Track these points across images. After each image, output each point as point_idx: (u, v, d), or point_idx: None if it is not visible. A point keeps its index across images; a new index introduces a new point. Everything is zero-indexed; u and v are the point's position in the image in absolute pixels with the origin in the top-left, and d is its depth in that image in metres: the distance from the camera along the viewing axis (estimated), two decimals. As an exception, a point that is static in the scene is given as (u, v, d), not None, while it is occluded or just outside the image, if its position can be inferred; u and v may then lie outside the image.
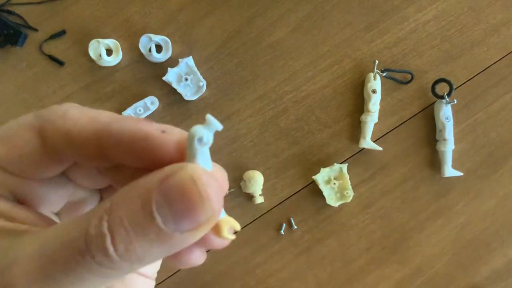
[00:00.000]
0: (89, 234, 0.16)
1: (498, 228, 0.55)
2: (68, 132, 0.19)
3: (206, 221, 0.17)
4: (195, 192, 0.16)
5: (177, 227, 0.16)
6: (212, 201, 0.16)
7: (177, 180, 0.16)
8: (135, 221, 0.16)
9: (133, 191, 0.16)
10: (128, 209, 0.16)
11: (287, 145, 0.54)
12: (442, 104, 0.53)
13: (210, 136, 0.17)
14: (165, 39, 0.53)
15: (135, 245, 0.16)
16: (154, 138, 0.18)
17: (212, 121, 0.17)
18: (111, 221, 0.16)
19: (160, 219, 0.16)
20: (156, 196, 0.16)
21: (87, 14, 0.54)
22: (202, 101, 0.54)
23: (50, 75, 0.54)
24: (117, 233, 0.15)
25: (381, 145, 0.54)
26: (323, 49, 0.55)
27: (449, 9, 0.55)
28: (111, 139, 0.18)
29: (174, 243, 0.16)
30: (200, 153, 0.17)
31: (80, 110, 0.19)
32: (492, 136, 0.55)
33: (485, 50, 0.55)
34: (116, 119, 0.19)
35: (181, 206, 0.16)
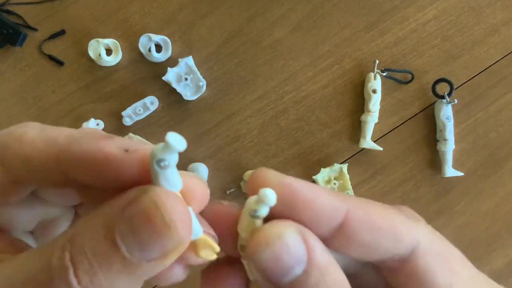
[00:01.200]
0: (52, 266, 0.15)
1: (499, 229, 0.55)
2: (26, 156, 0.18)
3: (173, 249, 0.16)
4: (159, 219, 0.15)
5: (144, 255, 0.15)
6: (178, 228, 0.15)
7: (140, 206, 0.15)
8: (98, 251, 0.15)
9: (95, 220, 0.15)
10: (90, 239, 0.15)
11: (287, 145, 0.54)
12: (443, 104, 0.53)
13: (172, 158, 0.16)
14: (164, 39, 0.53)
15: (100, 277, 0.15)
16: (114, 159, 0.17)
17: (172, 143, 0.15)
18: (74, 252, 0.15)
19: (124, 248, 0.15)
20: (119, 224, 0.15)
21: (87, 14, 0.54)
22: (202, 101, 0.54)
23: (49, 75, 0.54)
24: (79, 264, 0.15)
25: (382, 145, 0.54)
26: (323, 49, 0.55)
27: (449, 8, 0.55)
28: (70, 161, 0.17)
29: (141, 273, 0.15)
30: (161, 176, 0.16)
31: (38, 131, 0.18)
32: (492, 136, 0.55)
33: (485, 50, 0.55)
34: (75, 139, 0.18)
35: (146, 234, 0.15)
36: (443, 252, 0.19)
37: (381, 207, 0.19)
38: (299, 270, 0.16)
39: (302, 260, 0.16)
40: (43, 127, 0.19)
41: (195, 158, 0.54)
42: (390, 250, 0.18)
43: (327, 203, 0.18)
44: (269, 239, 0.16)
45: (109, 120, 0.54)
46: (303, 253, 0.16)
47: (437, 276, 0.18)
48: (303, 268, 0.16)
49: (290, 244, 0.16)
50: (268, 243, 0.16)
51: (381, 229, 0.18)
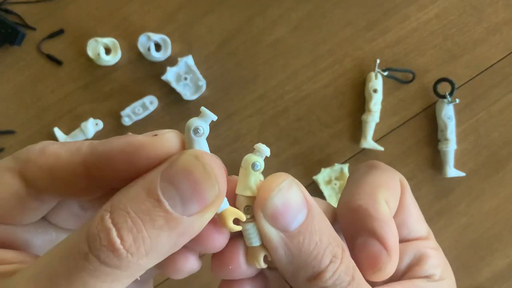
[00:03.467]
0: (92, 234, 0.15)
1: (501, 229, 0.55)
2: (51, 168, 0.18)
3: (213, 201, 0.17)
4: (200, 168, 0.16)
5: (185, 209, 0.16)
6: (218, 177, 0.17)
7: (181, 162, 0.16)
8: (141, 209, 0.15)
9: (134, 187, 0.16)
10: (132, 200, 0.16)
11: (288, 145, 0.54)
12: (444, 103, 0.53)
13: (206, 126, 0.18)
14: (164, 38, 0.52)
15: (144, 234, 0.15)
16: (146, 143, 0.18)
17: (207, 112, 0.18)
18: (115, 215, 0.15)
19: (167, 202, 0.16)
20: (160, 183, 0.16)
21: (85, 13, 0.53)
22: (202, 100, 0.53)
23: (48, 74, 0.53)
24: (123, 224, 0.15)
25: (383, 145, 0.53)
26: (324, 48, 0.54)
27: (450, 8, 0.55)
28: (100, 162, 0.18)
29: (182, 229, 0.16)
30: (197, 142, 0.18)
31: (58, 145, 0.19)
32: (494, 136, 0.55)
33: (487, 49, 0.55)
34: (100, 142, 0.18)
35: (187, 186, 0.16)
36: None
37: (379, 174, 0.24)
38: (302, 215, 0.18)
39: (304, 206, 0.18)
40: (62, 142, 0.19)
41: (194, 158, 0.53)
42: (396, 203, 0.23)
43: None
44: (279, 184, 0.18)
45: (108, 120, 0.53)
46: (303, 200, 0.18)
47: None
48: (305, 213, 0.18)
49: (294, 190, 0.18)
50: (280, 188, 0.18)
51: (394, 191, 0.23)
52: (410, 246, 0.22)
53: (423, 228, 0.23)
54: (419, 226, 0.23)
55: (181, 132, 0.18)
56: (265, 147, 0.19)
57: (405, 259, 0.22)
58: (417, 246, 0.22)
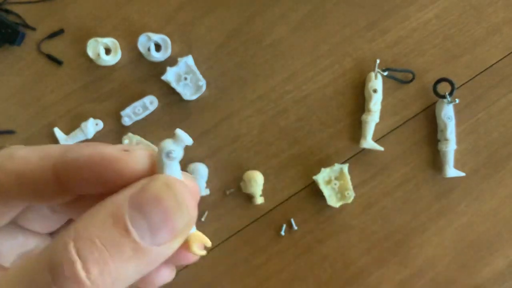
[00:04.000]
0: (55, 264, 0.14)
1: (500, 229, 0.55)
2: (20, 173, 0.18)
3: (183, 229, 0.16)
4: (172, 198, 0.16)
5: (154, 239, 0.15)
6: (189, 207, 0.16)
7: (152, 189, 0.16)
8: (109, 239, 0.15)
9: (100, 212, 0.15)
10: (99, 229, 0.15)
11: (287, 145, 0.54)
12: (444, 103, 0.53)
13: (180, 150, 0.17)
14: (164, 38, 0.52)
15: (110, 266, 0.15)
16: (116, 158, 0.17)
17: (182, 136, 0.17)
18: (80, 245, 0.14)
19: (136, 233, 0.15)
20: (129, 211, 0.15)
21: (86, 13, 0.53)
22: (202, 100, 0.53)
23: (48, 74, 0.53)
24: (89, 256, 0.14)
25: (382, 145, 0.53)
26: (324, 48, 0.54)
27: (450, 8, 0.55)
28: (69, 169, 0.17)
29: (150, 259, 0.16)
30: (168, 166, 0.17)
31: (27, 150, 0.18)
32: (494, 136, 0.55)
33: (487, 49, 0.55)
34: (69, 148, 0.18)
35: (158, 215, 0.15)
36: None
37: None
38: None
39: None
40: (30, 147, 0.19)
41: (195, 158, 0.53)
42: None
43: None
44: None
45: (108, 120, 0.53)
46: None
47: None
48: None
49: None
50: None
51: None
52: None
53: None
54: None
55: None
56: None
57: None
58: None
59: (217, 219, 0.54)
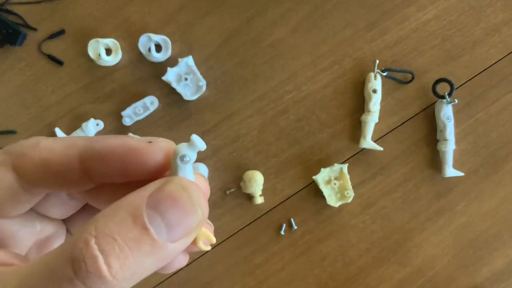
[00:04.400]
0: (76, 259, 0.15)
1: (499, 229, 0.55)
2: (45, 161, 0.19)
3: (196, 227, 0.17)
4: (187, 199, 0.17)
5: (170, 236, 0.17)
6: (202, 207, 0.17)
7: (168, 191, 0.17)
8: (129, 236, 0.16)
9: (120, 211, 0.16)
10: (119, 227, 0.16)
11: (287, 145, 0.54)
12: (443, 104, 0.53)
13: (193, 154, 0.18)
14: (164, 38, 0.53)
15: (130, 260, 0.16)
16: (141, 149, 0.18)
17: (196, 142, 0.18)
18: (102, 241, 0.15)
19: (153, 230, 0.16)
20: (147, 210, 0.16)
21: (86, 14, 0.54)
22: (202, 101, 0.54)
23: (49, 74, 0.54)
24: (110, 251, 0.15)
25: (382, 145, 0.54)
26: (324, 49, 0.54)
27: (450, 8, 0.55)
28: (94, 158, 0.19)
29: (166, 253, 0.17)
30: (182, 169, 0.18)
31: (52, 139, 0.19)
32: (493, 136, 0.55)
33: (486, 49, 0.55)
34: (95, 139, 0.19)
35: (174, 215, 0.17)
36: None
37: None
38: None
39: None
40: (56, 137, 0.20)
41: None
42: None
43: None
44: None
45: (109, 120, 0.54)
46: None
47: None
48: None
49: None
50: None
51: None
52: None
53: None
54: None
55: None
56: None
57: None
58: None
59: (217, 219, 0.54)
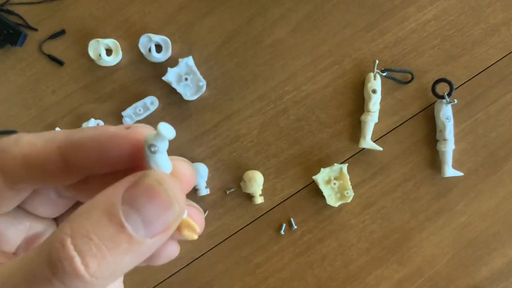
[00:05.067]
0: (53, 260, 0.15)
1: (499, 228, 0.55)
2: (27, 156, 0.18)
3: (174, 221, 0.17)
4: (163, 194, 0.17)
5: (148, 231, 0.16)
6: (179, 201, 0.17)
7: (143, 186, 0.17)
8: (105, 235, 0.16)
9: (95, 209, 0.16)
10: (95, 225, 0.16)
11: (287, 145, 0.54)
12: (443, 104, 0.53)
13: (162, 144, 0.17)
14: (165, 39, 0.53)
15: (108, 259, 0.15)
16: (118, 135, 0.18)
17: (162, 131, 0.17)
18: (78, 242, 0.15)
19: (130, 227, 0.16)
20: (122, 207, 0.16)
21: (87, 14, 0.54)
22: (202, 101, 0.54)
23: (49, 75, 0.54)
24: (87, 251, 0.15)
25: (381, 145, 0.54)
26: (323, 49, 0.54)
27: (449, 8, 0.55)
28: (74, 148, 0.18)
29: (145, 249, 0.17)
30: (153, 160, 0.18)
31: (32, 135, 0.19)
32: (492, 136, 0.55)
33: (485, 50, 0.55)
34: (75, 131, 0.19)
35: (150, 210, 0.16)
36: None
37: None
38: None
39: None
40: (36, 133, 0.20)
41: (195, 158, 0.54)
42: None
43: None
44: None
45: (109, 120, 0.54)
46: None
47: None
48: None
49: None
50: None
51: None
52: None
53: None
54: None
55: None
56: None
57: None
58: None
59: (217, 218, 0.54)
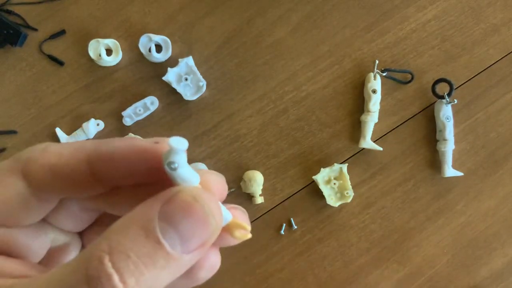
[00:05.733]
0: (92, 277, 0.15)
1: (499, 228, 0.55)
2: (54, 166, 0.18)
3: (210, 236, 0.17)
4: (199, 210, 0.17)
5: (185, 248, 0.16)
6: (216, 216, 0.17)
7: (179, 202, 0.17)
8: (142, 252, 0.16)
9: (132, 226, 0.16)
10: (132, 243, 0.16)
11: (287, 145, 0.54)
12: (443, 104, 0.53)
13: (180, 158, 0.17)
14: (165, 39, 0.53)
15: (146, 276, 0.16)
16: (147, 150, 0.18)
17: (175, 145, 0.17)
18: (116, 259, 0.15)
19: (167, 244, 0.16)
20: (159, 224, 0.16)
21: (87, 14, 0.54)
22: (202, 101, 0.54)
23: (50, 75, 0.54)
24: (125, 269, 0.15)
25: (381, 145, 0.54)
26: (323, 49, 0.55)
27: (449, 9, 0.55)
28: (103, 160, 0.18)
29: (182, 265, 0.17)
30: (176, 175, 0.17)
31: (60, 145, 0.19)
32: (492, 136, 0.55)
33: (485, 50, 0.55)
34: (103, 142, 0.19)
35: (187, 226, 0.16)
36: None
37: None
38: None
39: None
40: (64, 142, 0.20)
41: (195, 158, 0.54)
42: None
43: None
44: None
45: (109, 120, 0.54)
46: None
47: None
48: None
49: None
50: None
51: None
52: None
53: None
54: None
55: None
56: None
57: None
58: None
59: (218, 218, 0.54)
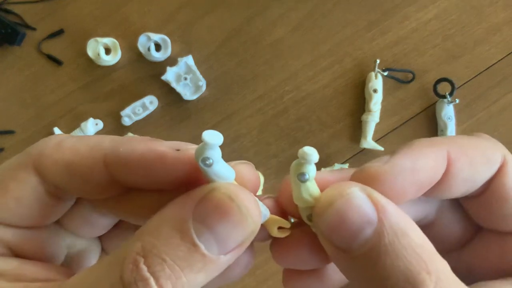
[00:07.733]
0: (128, 282, 0.14)
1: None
2: (69, 163, 0.17)
3: (249, 237, 0.16)
4: (236, 210, 0.16)
5: (222, 249, 0.16)
6: (253, 216, 0.16)
7: (213, 202, 0.16)
8: (178, 255, 0.15)
9: (165, 227, 0.15)
10: (167, 246, 0.15)
11: (287, 145, 0.54)
12: (444, 103, 0.53)
13: (214, 153, 0.16)
14: (164, 38, 0.52)
15: (182, 279, 0.15)
16: (168, 157, 0.17)
17: (209, 139, 0.16)
18: (151, 263, 0.15)
19: (203, 246, 0.15)
20: (193, 224, 0.15)
21: (86, 13, 0.53)
22: (202, 100, 0.53)
23: (48, 74, 0.53)
24: (161, 273, 0.15)
25: (383, 145, 0.53)
26: (324, 48, 0.54)
27: (450, 8, 0.55)
28: (120, 163, 0.17)
29: (219, 266, 0.16)
30: (211, 172, 0.16)
31: (75, 139, 0.18)
32: (494, 136, 0.54)
33: (487, 49, 0.55)
34: (121, 141, 0.18)
35: (223, 227, 0.15)
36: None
37: (467, 138, 0.19)
38: (369, 231, 0.15)
39: (372, 220, 0.15)
40: (79, 136, 0.19)
41: (194, 158, 0.53)
42: (486, 175, 0.18)
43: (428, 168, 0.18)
44: (331, 198, 0.16)
45: (108, 120, 0.54)
46: (372, 212, 0.15)
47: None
48: (373, 229, 0.15)
49: (354, 202, 0.16)
50: (331, 202, 0.16)
51: (478, 159, 0.18)
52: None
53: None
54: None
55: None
56: (311, 151, 0.16)
57: None
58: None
59: (217, 219, 0.54)
